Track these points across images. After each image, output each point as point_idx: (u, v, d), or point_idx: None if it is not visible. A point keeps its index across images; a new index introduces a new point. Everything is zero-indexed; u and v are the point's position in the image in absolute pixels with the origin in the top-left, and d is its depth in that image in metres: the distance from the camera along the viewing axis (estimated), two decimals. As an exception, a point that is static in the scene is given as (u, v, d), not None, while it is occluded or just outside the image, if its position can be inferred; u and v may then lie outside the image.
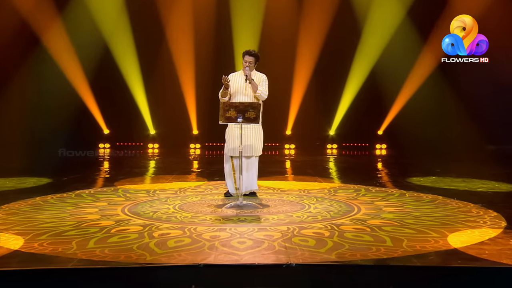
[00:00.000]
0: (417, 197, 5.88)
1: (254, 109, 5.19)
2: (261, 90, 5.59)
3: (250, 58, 5.63)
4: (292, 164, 10.59)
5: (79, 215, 4.87)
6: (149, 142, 14.07)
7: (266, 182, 6.99)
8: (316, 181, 7.18)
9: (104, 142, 13.96)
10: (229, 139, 5.72)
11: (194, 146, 14.25)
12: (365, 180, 7.19)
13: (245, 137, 5.57)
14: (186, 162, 10.80)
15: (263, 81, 5.67)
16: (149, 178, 7.87)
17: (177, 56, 13.41)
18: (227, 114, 5.21)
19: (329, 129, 14.37)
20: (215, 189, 6.39)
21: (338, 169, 9.68)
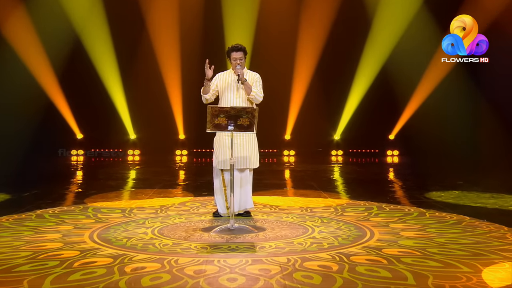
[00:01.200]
0: (439, 217, 5.61)
1: (248, 114, 4.93)
2: (255, 92, 5.39)
3: (238, 54, 5.42)
4: (292, 175, 10.42)
5: (37, 243, 4.53)
6: (128, 148, 14.14)
7: (262, 197, 6.84)
8: (320, 197, 7.00)
9: (77, 148, 13.93)
10: (219, 149, 5.48)
11: (181, 152, 14.30)
12: (376, 195, 7.01)
13: (237, 147, 5.38)
14: (170, 173, 10.63)
15: (257, 81, 5.48)
16: (126, 193, 7.62)
17: (161, 51, 13.43)
18: (216, 121, 4.94)
19: (333, 134, 14.45)
20: (202, 207, 6.17)
21: (344, 181, 9.48)
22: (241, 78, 5.32)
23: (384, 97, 13.27)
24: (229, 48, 5.47)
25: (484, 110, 12.49)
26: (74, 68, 13.01)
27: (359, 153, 14.52)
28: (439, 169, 10.90)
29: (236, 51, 5.41)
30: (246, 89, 5.40)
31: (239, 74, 5.32)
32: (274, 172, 10.49)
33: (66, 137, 13.65)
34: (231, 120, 4.92)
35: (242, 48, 5.47)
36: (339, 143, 14.47)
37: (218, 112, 4.95)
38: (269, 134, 12.47)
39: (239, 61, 5.38)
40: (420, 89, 13.20)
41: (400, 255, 4.13)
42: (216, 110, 4.96)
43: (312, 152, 14.21)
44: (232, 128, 4.95)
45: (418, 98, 13.28)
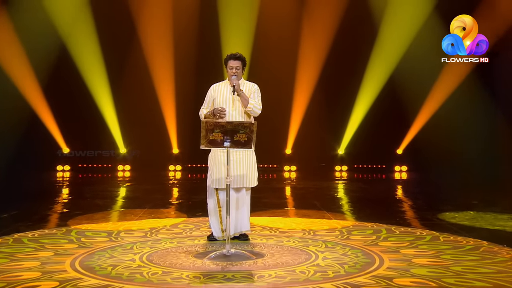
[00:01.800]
0: (454, 241, 5.45)
1: (246, 129, 4.85)
2: (253, 104, 5.32)
3: (235, 62, 5.38)
4: (293, 193, 10.33)
5: (13, 272, 4.35)
6: (118, 164, 14.09)
7: (261, 219, 6.73)
8: (324, 218, 6.90)
9: (63, 164, 13.85)
10: (214, 167, 5.38)
11: (174, 168, 14.23)
12: (385, 216, 6.92)
13: (234, 164, 5.28)
14: (163, 190, 10.50)
15: (255, 92, 5.42)
16: (113, 214, 7.46)
17: (153, 59, 13.43)
18: (210, 137, 4.85)
19: (337, 148, 14.42)
20: (196, 229, 6.05)
21: (350, 199, 9.38)
22: (236, 89, 5.24)
23: (392, 108, 13.22)
24: (227, 56, 5.43)
25: (500, 121, 12.41)
26: (59, 77, 12.98)
27: (365, 168, 14.46)
28: (451, 186, 10.82)
29: (234, 60, 5.37)
30: (242, 101, 5.33)
31: (234, 84, 5.25)
32: (273, 189, 10.38)
33: (51, 152, 13.58)
34: (227, 135, 4.84)
35: (241, 57, 5.42)
36: (343, 158, 14.42)
37: (213, 127, 4.85)
38: (268, 148, 12.37)
39: (235, 71, 5.34)
40: (431, 99, 13.12)
41: (414, 286, 3.97)
42: (211, 124, 4.86)
43: (315, 168, 14.17)
44: (228, 145, 4.86)
45: (429, 109, 13.21)
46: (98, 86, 13.31)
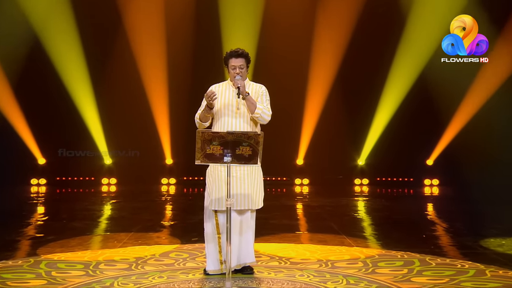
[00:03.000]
0: (504, 278, 5.21)
1: (250, 140, 4.71)
2: (261, 109, 5.20)
3: (238, 61, 5.26)
4: (306, 212, 10.24)
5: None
6: (103, 176, 14.12)
7: (268, 245, 6.64)
8: (344, 244, 6.78)
9: (38, 177, 13.81)
10: (212, 185, 5.24)
11: (167, 181, 14.28)
12: (416, 243, 6.86)
13: (236, 181, 5.16)
14: (153, 209, 10.38)
15: (263, 94, 5.33)
16: (93, 240, 7.29)
17: (142, 56, 13.45)
18: (207, 150, 4.71)
19: (357, 158, 14.40)
20: (191, 259, 5.92)
21: (373, 220, 9.22)
22: (241, 91, 5.10)
23: (421, 111, 13.13)
24: (227, 54, 5.31)
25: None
26: (32, 77, 12.96)
27: (389, 182, 14.33)
28: (495, 204, 10.58)
29: (236, 57, 5.25)
30: (249, 105, 5.19)
31: (239, 86, 5.10)
32: (283, 207, 10.30)
33: (25, 163, 13.48)
34: (228, 148, 4.71)
35: (243, 53, 5.30)
36: (364, 170, 14.37)
37: (211, 138, 4.71)
38: (277, 158, 12.61)
39: (238, 70, 5.22)
40: (468, 101, 13.02)
41: None
42: (208, 135, 4.72)
43: (331, 181, 14.12)
44: (228, 160, 4.73)
45: (465, 113, 13.12)
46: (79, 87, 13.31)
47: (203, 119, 5.26)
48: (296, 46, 13.55)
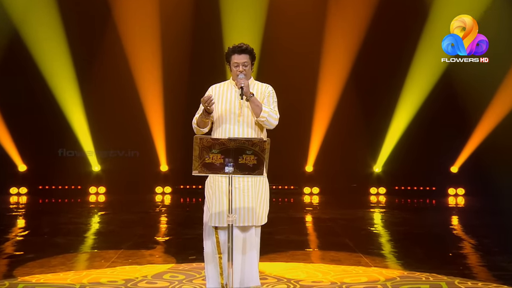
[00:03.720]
0: None
1: (255, 148, 4.63)
2: (267, 112, 5.10)
3: (242, 57, 5.17)
4: (316, 225, 10.22)
5: None
6: (91, 185, 14.16)
7: (275, 265, 6.61)
8: (360, 264, 6.73)
9: (18, 185, 13.86)
10: (212, 198, 5.15)
11: (162, 190, 14.37)
12: (442, 262, 6.81)
13: (239, 194, 5.08)
14: (146, 222, 10.36)
15: (269, 96, 5.25)
16: (77, 258, 7.23)
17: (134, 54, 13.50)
18: (207, 159, 4.61)
19: (372, 164, 14.43)
20: (187, 282, 5.88)
21: (392, 236, 9.17)
22: (245, 91, 5.00)
23: (445, 113, 13.19)
24: (229, 49, 5.22)
25: None
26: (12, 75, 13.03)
27: (408, 191, 14.31)
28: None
29: (239, 53, 5.16)
30: (253, 108, 5.09)
31: (243, 86, 5.00)
32: (290, 220, 10.29)
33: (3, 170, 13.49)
34: (230, 157, 4.62)
35: (248, 49, 5.20)
36: (380, 178, 14.36)
37: (210, 145, 4.62)
38: (283, 164, 12.53)
39: (242, 68, 5.12)
40: (498, 100, 13.01)
41: None
42: (207, 141, 4.61)
43: (344, 190, 14.10)
44: (230, 170, 4.63)
45: (495, 113, 13.12)
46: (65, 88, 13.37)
47: (201, 125, 5.18)
48: (305, 39, 13.56)
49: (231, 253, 4.72)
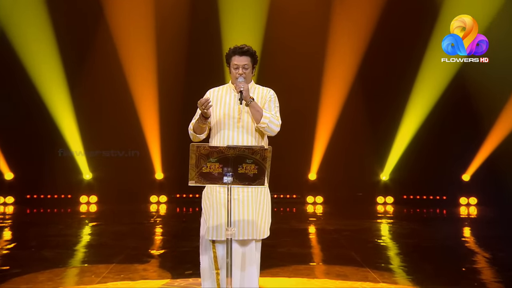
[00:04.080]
0: None
1: (256, 156, 4.58)
2: (268, 118, 5.07)
3: (242, 59, 5.15)
4: (320, 237, 10.19)
5: None
6: (81, 194, 14.16)
7: (277, 281, 6.60)
8: (368, 280, 6.72)
9: (5, 194, 13.87)
10: (210, 209, 5.12)
11: (157, 199, 14.38)
12: (454, 277, 6.85)
13: (238, 205, 5.05)
14: (140, 233, 10.33)
15: (271, 100, 5.22)
16: (66, 274, 7.17)
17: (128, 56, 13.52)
18: (204, 168, 4.57)
19: (380, 172, 14.45)
20: None
21: (400, 248, 9.10)
22: (245, 96, 4.96)
23: (457, 117, 13.25)
24: (229, 50, 5.21)
25: None
26: None
27: (417, 201, 14.30)
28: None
29: (240, 55, 5.15)
30: (253, 113, 5.06)
31: (242, 89, 4.96)
32: (293, 232, 10.25)
33: None
34: (229, 166, 4.59)
35: (249, 51, 5.19)
36: (388, 186, 14.36)
37: (208, 153, 4.57)
38: (285, 172, 12.58)
39: (242, 70, 5.11)
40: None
41: None
42: (205, 149, 4.56)
43: (349, 200, 14.10)
44: (229, 180, 4.59)
45: (509, 119, 13.15)
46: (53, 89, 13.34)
47: (198, 131, 5.13)
48: (308, 39, 13.58)
49: (230, 269, 4.65)
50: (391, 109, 13.65)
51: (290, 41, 13.35)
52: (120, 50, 13.43)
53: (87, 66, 13.31)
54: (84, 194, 14.00)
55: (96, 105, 13.42)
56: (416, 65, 13.41)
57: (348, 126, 13.79)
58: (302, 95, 13.35)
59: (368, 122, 13.76)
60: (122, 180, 13.68)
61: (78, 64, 13.31)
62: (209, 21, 13.36)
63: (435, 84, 13.35)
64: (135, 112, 13.63)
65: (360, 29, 13.40)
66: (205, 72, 12.58)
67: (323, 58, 13.66)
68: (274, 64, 12.75)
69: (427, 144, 13.44)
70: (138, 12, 13.29)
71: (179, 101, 12.29)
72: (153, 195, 14.17)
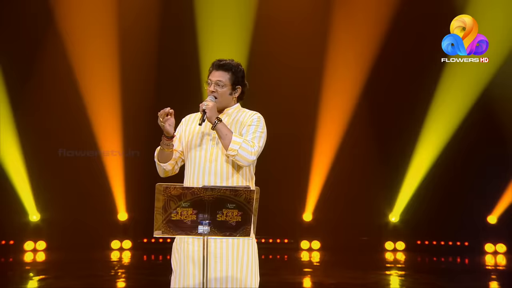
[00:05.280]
0: None
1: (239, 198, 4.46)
2: (238, 143, 4.96)
3: (217, 74, 5.15)
4: None
5: None
6: (27, 239, 14.06)
7: None
8: None
9: None
10: (177, 268, 5.05)
11: (120, 245, 14.42)
12: None
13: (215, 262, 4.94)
14: None
15: (252, 123, 5.14)
16: None
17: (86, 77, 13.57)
18: (173, 215, 4.46)
19: (388, 212, 14.50)
20: None
21: None
22: (208, 116, 4.92)
23: (482, 145, 13.35)
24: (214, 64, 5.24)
25: None
26: None
27: (434, 247, 14.32)
28: None
29: (216, 69, 5.13)
30: (220, 137, 4.97)
31: (205, 108, 4.91)
32: (284, 286, 10.25)
33: None
34: (205, 212, 4.50)
35: (228, 65, 5.14)
36: (398, 229, 14.36)
37: (179, 195, 4.47)
38: (275, 212, 12.62)
39: (214, 87, 5.07)
40: None
41: None
42: (175, 190, 4.46)
43: (352, 245, 14.11)
44: (205, 230, 4.48)
45: None
46: None
47: (161, 158, 5.07)
48: (304, 51, 13.70)
49: None
50: (403, 136, 13.73)
51: (280, 54, 13.46)
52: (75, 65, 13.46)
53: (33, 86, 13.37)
54: (29, 240, 13.83)
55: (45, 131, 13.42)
56: (433, 83, 13.51)
57: (350, 156, 13.83)
58: (296, 119, 13.45)
59: (375, 151, 13.84)
60: (77, 222, 13.59)
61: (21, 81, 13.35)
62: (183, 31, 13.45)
63: (455, 107, 13.53)
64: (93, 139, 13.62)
65: (366, 38, 13.57)
66: (177, 91, 12.65)
67: (321, 74, 13.76)
68: (262, 81, 12.77)
69: (445, 179, 13.50)
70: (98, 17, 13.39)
71: (145, 127, 12.19)
72: (115, 240, 14.10)
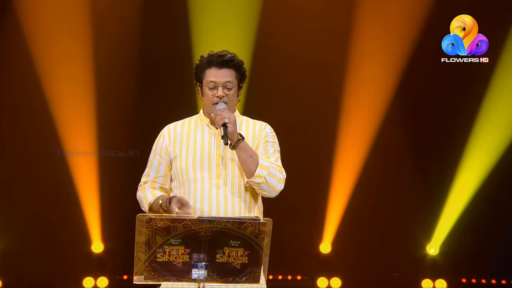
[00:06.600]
0: None
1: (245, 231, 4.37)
2: (267, 168, 4.94)
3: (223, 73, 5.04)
4: None
5: None
6: None
7: None
8: None
9: None
10: None
11: (94, 283, 14.30)
12: None
13: None
14: None
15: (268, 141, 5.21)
16: None
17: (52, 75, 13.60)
18: (160, 255, 4.33)
19: (426, 243, 14.35)
20: None
21: None
22: (231, 132, 4.79)
23: None
24: (201, 60, 5.20)
25: None
26: None
27: (481, 286, 14.14)
28: None
29: (219, 67, 5.04)
30: (244, 161, 4.93)
31: (227, 123, 4.77)
32: None
33: None
34: (201, 252, 4.41)
35: (233, 60, 5.10)
36: (437, 264, 14.15)
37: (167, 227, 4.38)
38: (287, 243, 12.74)
39: (222, 92, 4.98)
40: None
41: None
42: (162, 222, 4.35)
43: (380, 283, 14.07)
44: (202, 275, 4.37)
45: None
46: None
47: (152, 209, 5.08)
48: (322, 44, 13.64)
49: None
50: (444, 151, 13.75)
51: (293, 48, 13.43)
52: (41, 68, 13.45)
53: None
54: (-15, 275, 14.00)
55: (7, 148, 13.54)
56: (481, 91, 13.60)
57: (379, 173, 13.79)
58: (312, 130, 13.42)
59: (409, 170, 13.78)
60: (43, 254, 13.55)
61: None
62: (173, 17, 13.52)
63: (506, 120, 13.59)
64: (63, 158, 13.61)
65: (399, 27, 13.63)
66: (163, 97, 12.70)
67: (343, 70, 13.75)
68: (268, 82, 12.88)
69: (496, 202, 13.48)
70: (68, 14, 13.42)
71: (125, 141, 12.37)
72: (88, 277, 13.88)
